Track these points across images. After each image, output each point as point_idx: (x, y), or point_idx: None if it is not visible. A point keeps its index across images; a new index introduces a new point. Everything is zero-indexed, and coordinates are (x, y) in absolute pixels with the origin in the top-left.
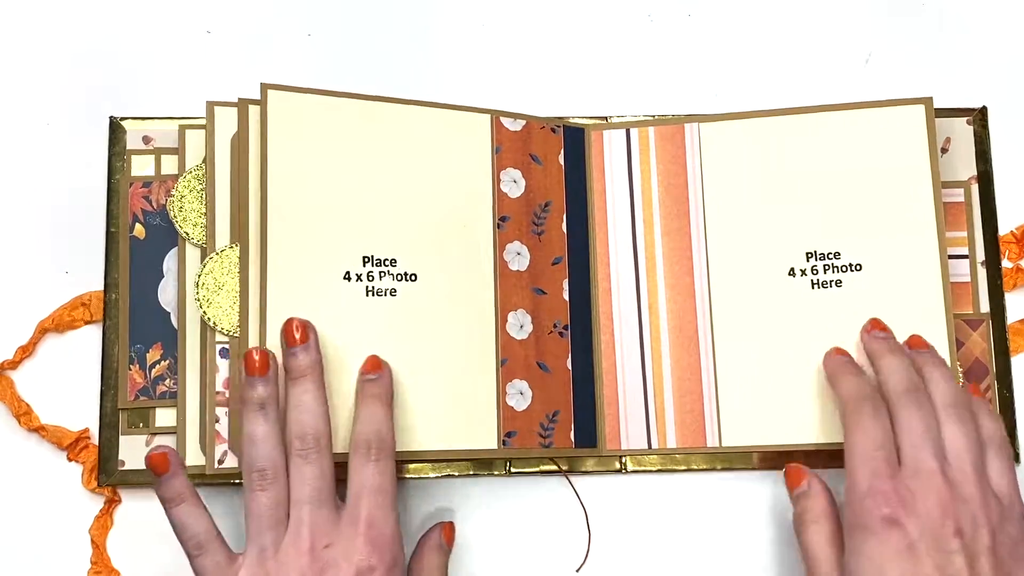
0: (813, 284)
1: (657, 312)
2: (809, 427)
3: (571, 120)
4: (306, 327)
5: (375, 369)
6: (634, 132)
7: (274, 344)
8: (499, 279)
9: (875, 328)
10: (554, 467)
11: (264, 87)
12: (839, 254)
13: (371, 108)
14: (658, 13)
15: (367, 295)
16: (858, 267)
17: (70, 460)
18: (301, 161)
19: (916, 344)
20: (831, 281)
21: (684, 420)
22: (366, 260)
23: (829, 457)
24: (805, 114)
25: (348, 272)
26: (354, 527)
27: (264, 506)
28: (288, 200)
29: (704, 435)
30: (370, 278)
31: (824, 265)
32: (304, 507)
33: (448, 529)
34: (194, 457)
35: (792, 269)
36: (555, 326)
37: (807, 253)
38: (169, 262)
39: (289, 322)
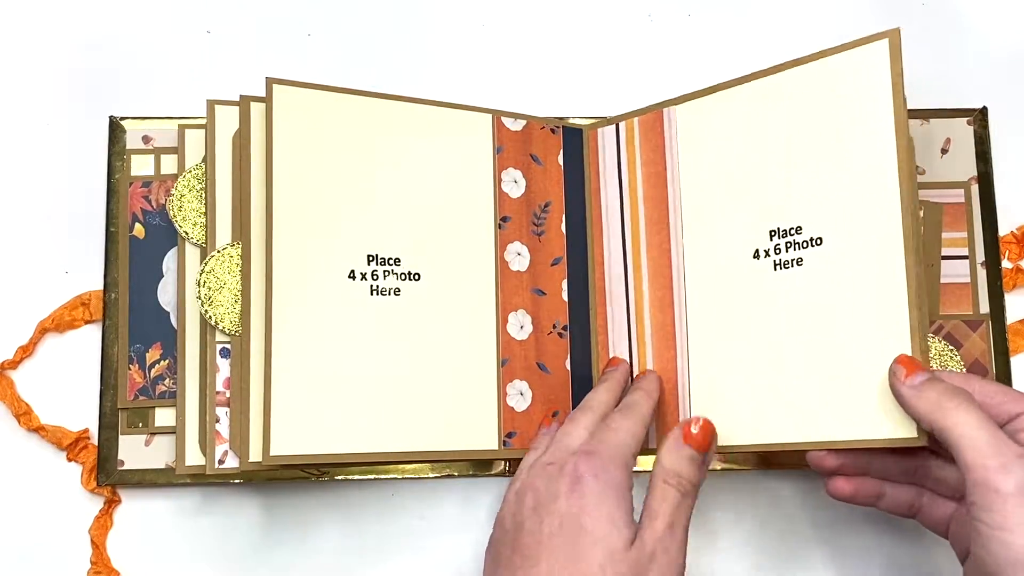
0: (775, 265)
1: (642, 310)
2: (782, 427)
3: (571, 120)
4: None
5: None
6: (622, 125)
7: (280, 342)
8: (500, 279)
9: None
10: None
11: (269, 81)
12: (800, 228)
13: (375, 105)
14: (658, 13)
15: (371, 294)
16: (818, 241)
17: (70, 460)
18: (306, 156)
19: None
20: (792, 260)
21: (664, 421)
22: (371, 259)
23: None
24: (773, 75)
25: (353, 271)
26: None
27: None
28: (293, 196)
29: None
30: (374, 277)
31: (786, 243)
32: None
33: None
34: (194, 457)
35: (757, 251)
36: (554, 327)
37: (771, 231)
38: (169, 262)
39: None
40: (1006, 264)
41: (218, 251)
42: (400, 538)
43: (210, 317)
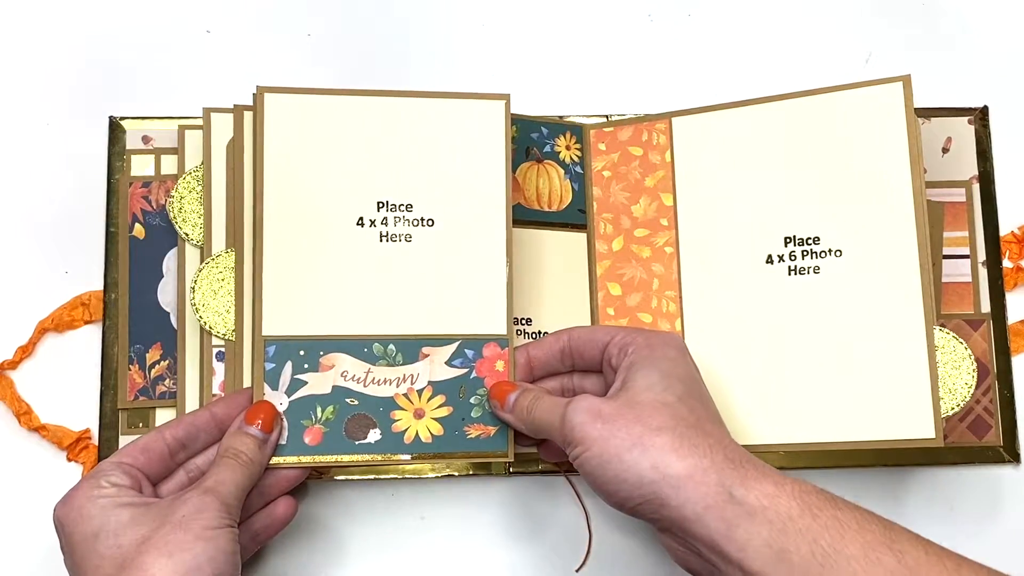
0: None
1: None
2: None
3: (571, 119)
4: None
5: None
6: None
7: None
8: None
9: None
10: (554, 467)
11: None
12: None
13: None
14: (658, 13)
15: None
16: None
17: (70, 460)
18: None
19: None
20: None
21: None
22: None
23: (812, 457)
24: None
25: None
26: None
27: None
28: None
29: None
30: None
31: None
32: None
33: (263, 410)
34: None
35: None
36: None
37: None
38: (169, 262)
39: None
40: (1007, 264)
41: (212, 258)
42: (400, 538)
43: (204, 323)
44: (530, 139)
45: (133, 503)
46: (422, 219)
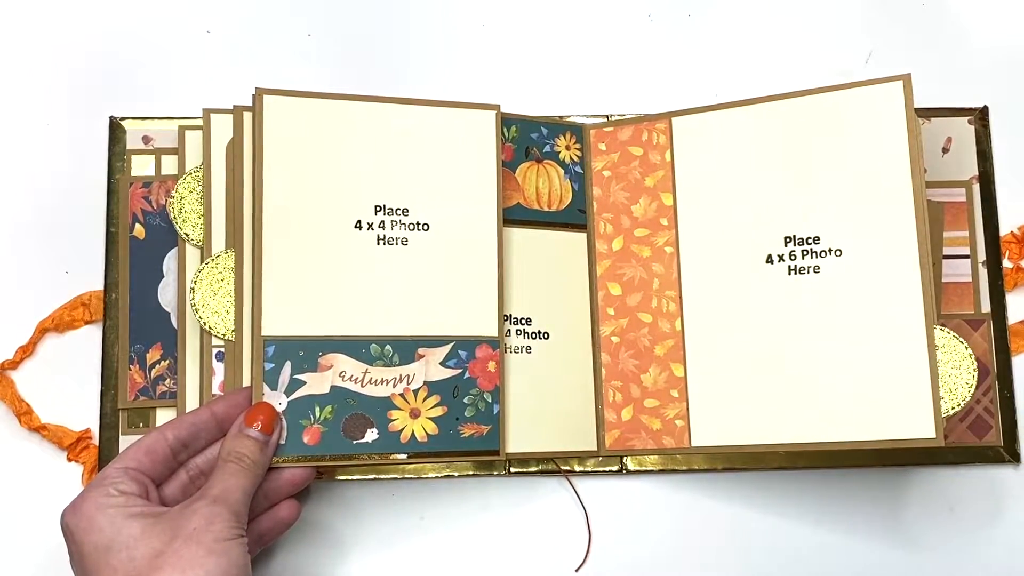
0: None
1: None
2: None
3: (571, 119)
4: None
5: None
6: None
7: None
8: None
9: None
10: (554, 467)
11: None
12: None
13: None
14: (658, 13)
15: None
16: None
17: (70, 460)
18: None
19: None
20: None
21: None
22: None
23: (812, 457)
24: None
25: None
26: None
27: None
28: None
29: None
30: None
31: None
32: None
33: (262, 411)
34: None
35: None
36: None
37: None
38: (169, 262)
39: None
40: (1007, 264)
41: (212, 258)
42: (400, 538)
43: (203, 323)
44: (530, 139)
45: (143, 513)
46: (417, 223)
